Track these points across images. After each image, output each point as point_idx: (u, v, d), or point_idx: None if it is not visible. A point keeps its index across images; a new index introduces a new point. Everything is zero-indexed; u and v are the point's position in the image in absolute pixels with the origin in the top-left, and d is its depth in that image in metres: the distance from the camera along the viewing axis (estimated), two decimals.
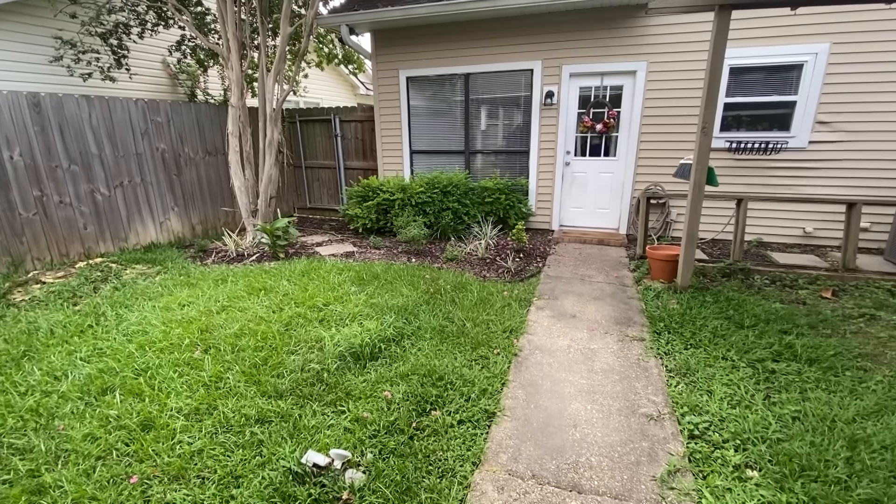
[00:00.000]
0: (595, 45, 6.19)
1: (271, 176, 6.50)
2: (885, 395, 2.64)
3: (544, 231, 7.13)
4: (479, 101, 7.06)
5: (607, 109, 6.38)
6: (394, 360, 3.14)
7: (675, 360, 3.14)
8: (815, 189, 5.72)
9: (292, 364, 3.08)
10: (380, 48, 7.22)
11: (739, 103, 5.87)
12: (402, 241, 6.19)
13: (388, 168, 7.71)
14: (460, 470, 2.18)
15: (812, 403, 2.56)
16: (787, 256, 5.52)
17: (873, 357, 3.11)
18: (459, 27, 6.65)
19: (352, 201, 7.00)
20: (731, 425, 2.42)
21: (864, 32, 5.21)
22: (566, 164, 6.85)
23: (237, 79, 6.20)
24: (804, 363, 2.99)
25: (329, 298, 4.17)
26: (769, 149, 5.76)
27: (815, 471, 2.08)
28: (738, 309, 3.79)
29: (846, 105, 5.46)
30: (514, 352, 3.34)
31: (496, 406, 2.68)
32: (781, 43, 5.50)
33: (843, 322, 3.61)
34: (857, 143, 5.52)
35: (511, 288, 4.64)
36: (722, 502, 1.95)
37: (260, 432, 2.43)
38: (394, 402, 2.65)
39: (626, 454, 2.30)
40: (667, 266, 4.53)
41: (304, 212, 9.01)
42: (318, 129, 8.45)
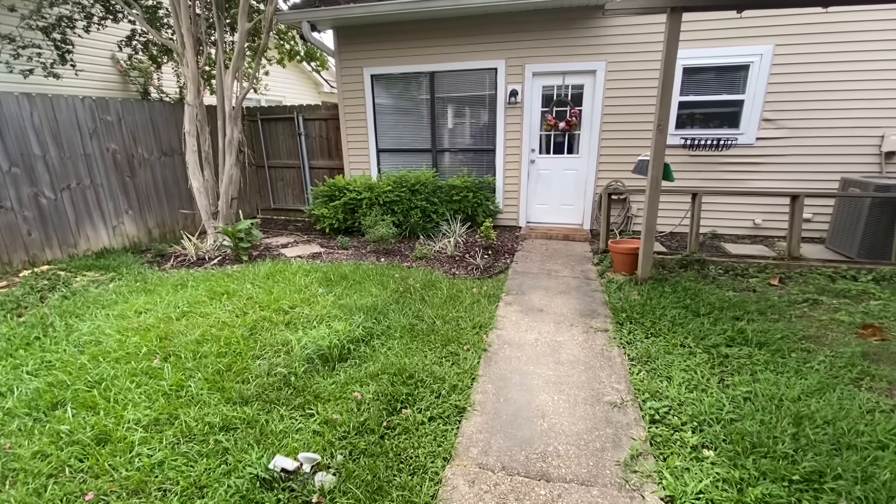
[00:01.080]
0: (556, 45, 6.32)
1: (232, 176, 6.30)
2: (826, 374, 2.83)
3: (512, 228, 7.23)
4: (445, 100, 7.08)
5: (569, 108, 6.53)
6: (363, 360, 3.11)
7: (636, 348, 3.26)
8: (763, 183, 6.06)
9: (258, 369, 3.01)
10: (343, 45, 7.12)
11: (693, 102, 6.14)
12: (371, 241, 6.14)
13: (354, 167, 7.62)
14: (431, 466, 2.20)
15: (762, 384, 2.72)
16: (739, 247, 5.83)
17: (816, 339, 3.33)
18: (424, 25, 6.64)
19: (317, 201, 6.88)
20: (688, 408, 2.54)
21: (803, 35, 5.56)
22: (531, 161, 6.97)
23: (193, 76, 5.97)
24: (754, 347, 3.18)
25: (295, 301, 4.08)
26: (720, 145, 6.06)
27: (764, 447, 2.21)
28: (695, 298, 3.98)
29: (789, 103, 5.81)
30: (483, 347, 3.38)
31: (466, 401, 2.71)
32: (730, 44, 5.79)
33: (789, 307, 3.85)
34: (800, 139, 5.89)
35: (480, 284, 4.69)
36: (681, 482, 2.05)
37: (225, 440, 2.36)
38: (364, 402, 2.63)
39: (592, 441, 2.38)
40: (628, 259, 4.70)
41: (268, 213, 8.78)
42: (281, 127, 8.25)
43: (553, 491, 2.06)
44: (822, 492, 1.96)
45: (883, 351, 3.13)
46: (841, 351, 3.10)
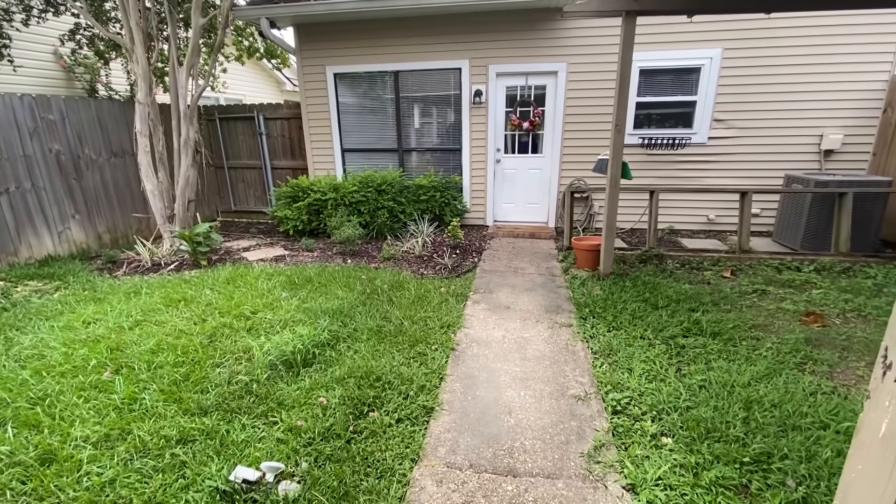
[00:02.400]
0: (519, 46, 6.41)
1: (189, 178, 6.05)
2: (773, 360, 3.00)
3: (479, 227, 7.29)
4: (410, 99, 7.04)
5: (533, 108, 6.64)
6: (329, 364, 3.06)
7: (599, 342, 3.35)
8: (715, 180, 6.36)
9: (218, 378, 2.90)
10: (304, 43, 6.96)
11: (650, 102, 6.37)
12: (337, 242, 6.04)
13: (318, 167, 7.48)
14: (399, 468, 2.18)
15: (715, 372, 2.85)
16: (695, 241, 6.09)
17: (764, 327, 3.52)
18: (387, 24, 6.59)
19: (280, 202, 6.70)
20: (648, 398, 2.63)
21: (749, 39, 5.87)
22: (497, 161, 7.04)
23: (144, 73, 5.69)
24: (709, 337, 3.33)
25: (258, 306, 3.97)
26: (676, 144, 6.31)
27: (718, 432, 2.32)
28: (654, 291, 4.13)
29: (737, 104, 6.12)
30: (451, 346, 3.38)
31: (434, 401, 2.71)
32: (683, 48, 6.05)
33: (740, 298, 4.06)
34: (748, 138, 6.22)
35: (448, 284, 4.70)
36: (641, 469, 2.12)
37: (182, 453, 2.26)
38: (329, 407, 2.59)
39: (557, 434, 2.43)
40: (590, 255, 4.82)
41: (228, 215, 8.49)
42: (241, 126, 7.98)
43: (520, 486, 2.09)
44: (770, 472, 2.07)
45: (824, 336, 3.35)
46: (786, 338, 3.29)
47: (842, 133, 5.96)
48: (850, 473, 1.14)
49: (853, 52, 5.70)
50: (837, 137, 5.95)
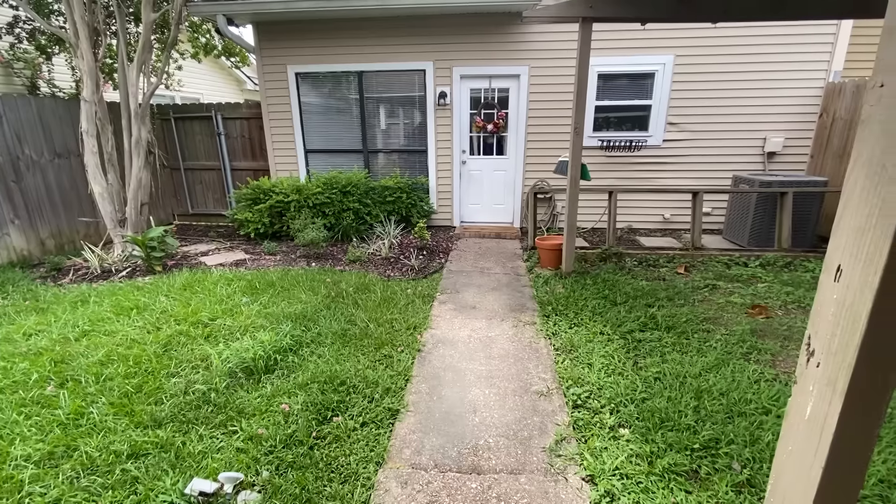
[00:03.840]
0: (482, 49, 6.49)
1: (141, 180, 5.78)
2: (722, 351, 3.17)
3: (446, 228, 7.32)
4: (375, 100, 7.00)
5: (496, 110, 6.74)
6: (292, 370, 3.00)
7: (561, 339, 3.44)
8: (670, 181, 6.65)
9: (173, 388, 2.79)
10: (264, 42, 6.79)
11: (608, 106, 6.59)
12: (301, 245, 5.92)
13: (280, 168, 7.30)
14: (363, 472, 2.17)
15: (669, 364, 2.98)
16: (652, 240, 6.35)
17: (714, 320, 3.72)
18: (350, 24, 6.52)
19: (241, 205, 6.50)
20: (607, 392, 2.73)
21: (698, 47, 6.17)
22: (463, 162, 7.10)
23: (90, 69, 5.40)
24: (664, 331, 3.48)
25: (217, 312, 3.84)
26: (633, 146, 6.56)
27: (671, 421, 2.43)
28: (613, 288, 4.28)
29: (689, 108, 6.42)
30: (417, 347, 3.39)
31: (400, 403, 2.71)
32: (638, 53, 6.29)
33: (693, 293, 4.27)
34: (699, 140, 6.53)
35: (415, 285, 4.70)
36: (599, 461, 2.19)
37: (134, 468, 2.17)
38: (292, 414, 2.54)
39: (520, 430, 2.48)
40: (553, 254, 4.94)
41: (185, 218, 8.16)
42: (198, 126, 7.69)
43: (484, 483, 2.12)
44: (718, 456, 2.19)
45: (768, 327, 3.56)
46: (734, 329, 3.48)
47: (783, 136, 6.36)
48: (781, 454, 1.23)
49: (792, 61, 6.10)
50: (779, 140, 6.34)
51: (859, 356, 0.96)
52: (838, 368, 1.01)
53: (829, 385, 1.03)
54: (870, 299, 0.92)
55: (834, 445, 1.04)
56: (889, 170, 0.89)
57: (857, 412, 1.01)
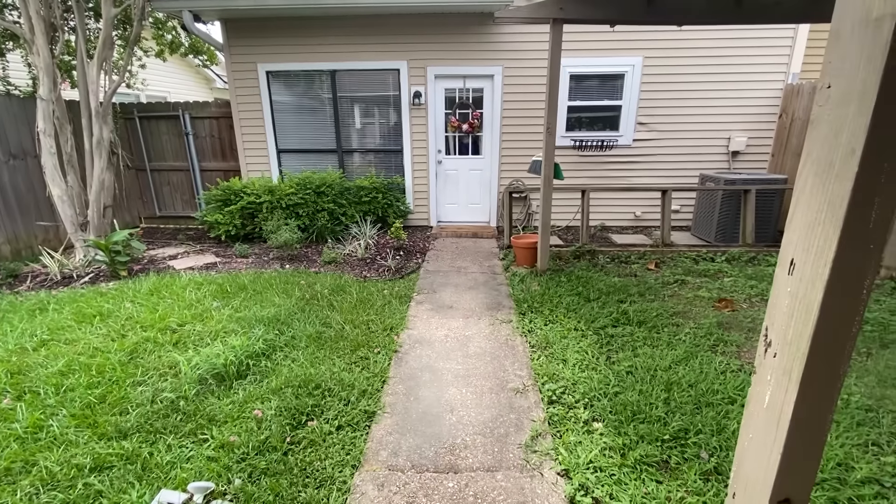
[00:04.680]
0: (456, 49, 6.50)
1: (103, 181, 5.55)
2: (690, 344, 3.27)
3: (423, 227, 7.30)
4: (349, 99, 6.92)
5: (471, 110, 6.76)
6: (265, 375, 2.94)
7: (536, 336, 3.48)
8: (640, 179, 6.82)
9: (139, 397, 2.69)
10: (233, 39, 6.62)
11: (580, 106, 6.70)
12: (274, 247, 5.80)
13: (252, 169, 7.14)
14: (339, 476, 2.14)
15: (641, 358, 3.06)
16: (624, 237, 6.50)
17: (683, 314, 3.83)
18: (322, 22, 6.43)
19: (211, 206, 6.32)
20: (581, 387, 2.78)
21: (665, 49, 6.35)
22: (438, 162, 7.10)
23: (47, 66, 5.15)
24: (635, 325, 3.56)
25: (186, 317, 3.72)
26: (604, 146, 6.70)
27: (643, 414, 2.49)
28: (586, 285, 4.36)
29: (657, 109, 6.60)
30: (394, 348, 3.37)
31: (376, 405, 2.69)
32: (609, 55, 6.42)
33: (663, 288, 4.39)
34: (667, 140, 6.72)
35: (392, 286, 4.67)
36: (574, 455, 2.23)
37: (98, 481, 2.08)
38: (265, 419, 2.48)
39: (497, 428, 2.49)
40: (528, 253, 5.00)
41: (153, 221, 7.88)
42: (165, 126, 7.44)
43: (461, 482, 2.12)
44: (687, 446, 2.26)
45: (733, 320, 3.70)
46: (702, 323, 3.60)
47: (746, 136, 6.61)
48: (743, 442, 1.27)
49: (753, 63, 6.34)
50: (742, 140, 6.59)
51: (812, 346, 1.00)
52: (793, 358, 1.05)
53: (786, 374, 1.08)
54: (820, 291, 0.97)
55: (791, 432, 1.08)
56: (836, 167, 0.94)
57: (812, 400, 1.05)
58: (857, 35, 0.90)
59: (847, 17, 0.93)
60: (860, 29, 0.90)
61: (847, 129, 0.92)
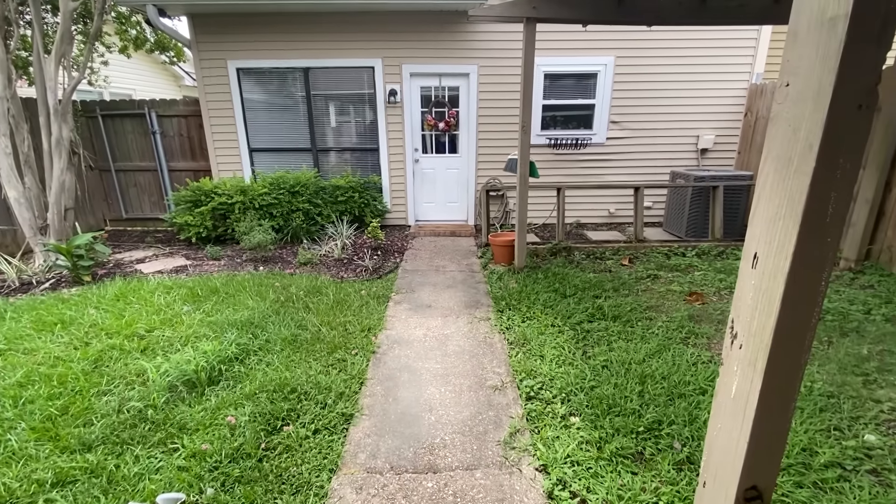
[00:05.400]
0: (431, 47, 6.48)
1: (64, 182, 5.31)
2: (663, 337, 3.35)
3: (401, 227, 7.26)
4: (323, 97, 6.81)
5: (447, 109, 6.75)
6: (238, 380, 2.86)
7: (514, 333, 3.51)
8: (614, 177, 6.95)
9: (105, 407, 2.58)
10: (201, 35, 6.42)
11: (555, 105, 6.78)
12: (247, 249, 5.66)
13: (223, 168, 6.95)
14: (316, 481, 2.10)
15: (616, 352, 3.12)
16: (599, 234, 6.61)
17: (656, 308, 3.92)
18: (294, 18, 6.30)
19: (180, 208, 6.12)
20: (558, 382, 2.81)
21: (636, 49, 6.48)
22: (416, 160, 7.06)
23: (0, 62, 4.89)
24: (610, 320, 3.63)
25: (154, 323, 3.59)
26: (579, 144, 6.79)
27: (618, 407, 2.54)
28: (563, 282, 4.41)
29: (629, 108, 6.73)
30: (372, 349, 3.33)
31: (354, 407, 2.65)
32: (582, 54, 6.52)
33: (636, 283, 4.48)
34: (639, 138, 6.87)
35: (369, 286, 4.63)
36: (552, 450, 2.25)
37: (60, 497, 1.98)
38: (238, 426, 2.42)
39: (476, 426, 2.50)
40: (506, 251, 5.03)
41: (119, 224, 7.59)
42: (130, 124, 7.16)
43: (440, 481, 2.12)
44: (660, 437, 2.31)
45: (703, 313, 3.80)
46: (674, 316, 3.69)
47: (714, 134, 6.81)
48: (713, 431, 1.30)
49: (719, 63, 6.54)
50: (710, 138, 6.79)
51: (775, 337, 1.03)
52: (757, 349, 1.08)
53: (751, 365, 1.11)
54: (782, 283, 1.00)
55: (757, 421, 1.11)
56: (795, 163, 0.97)
57: (776, 389, 1.09)
58: (813, 35, 0.93)
59: (803, 18, 0.96)
60: (816, 29, 0.92)
61: (805, 125, 0.95)
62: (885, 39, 0.87)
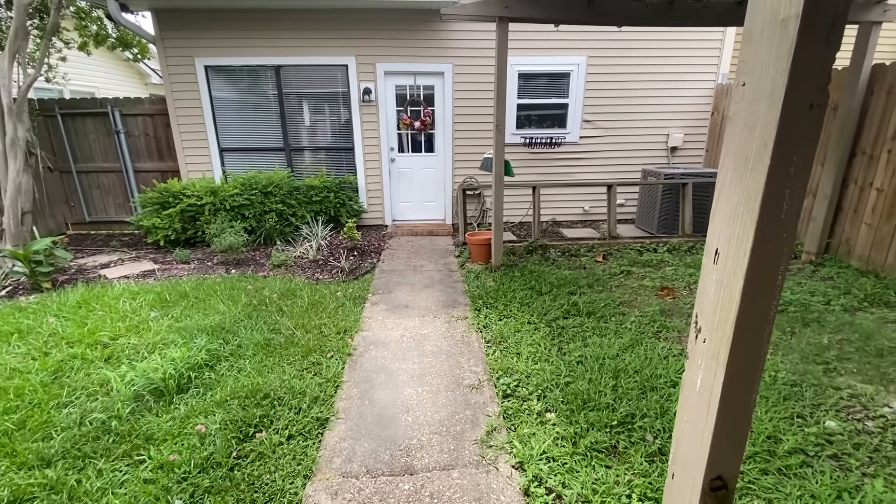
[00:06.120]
0: (406, 45, 6.43)
1: (20, 185, 5.06)
2: (636, 332, 3.42)
3: (378, 227, 7.20)
4: (296, 95, 6.68)
5: (423, 108, 6.72)
6: (209, 387, 2.78)
7: (492, 331, 3.52)
8: (587, 175, 7.05)
9: (65, 420, 2.47)
10: (167, 31, 6.21)
11: (530, 104, 6.83)
12: (218, 252, 5.50)
13: (192, 169, 6.74)
14: (290, 488, 2.06)
15: (590, 348, 3.16)
16: (574, 231, 6.70)
17: (629, 303, 4.00)
18: (264, 14, 6.15)
19: (147, 210, 5.91)
20: (534, 379, 2.83)
21: (608, 49, 6.59)
22: (392, 160, 7.01)
23: None
24: (585, 316, 3.68)
25: (119, 330, 3.46)
26: (553, 143, 6.87)
27: (592, 402, 2.57)
28: (539, 279, 4.46)
29: (602, 107, 6.85)
30: (348, 352, 3.29)
31: (329, 411, 2.61)
32: (555, 54, 6.58)
33: (610, 279, 4.56)
34: (612, 136, 6.99)
35: (346, 287, 4.57)
36: (528, 446, 2.26)
37: None
38: (209, 434, 2.35)
39: (453, 425, 2.49)
40: (483, 249, 5.04)
41: (82, 227, 7.27)
42: (92, 124, 6.88)
43: (417, 483, 2.10)
44: (633, 430, 2.36)
45: (675, 307, 3.90)
46: (646, 311, 3.77)
47: (683, 132, 6.99)
48: (680, 424, 1.33)
49: (687, 64, 6.71)
50: (680, 136, 6.97)
51: (736, 330, 1.06)
52: (720, 343, 1.11)
53: (714, 358, 1.13)
54: (741, 278, 1.02)
55: (720, 412, 1.14)
56: (751, 161, 0.99)
57: (737, 381, 1.11)
58: (767, 35, 0.95)
59: (757, 19, 0.98)
60: (769, 30, 0.95)
61: (760, 124, 0.97)
62: (833, 40, 0.90)
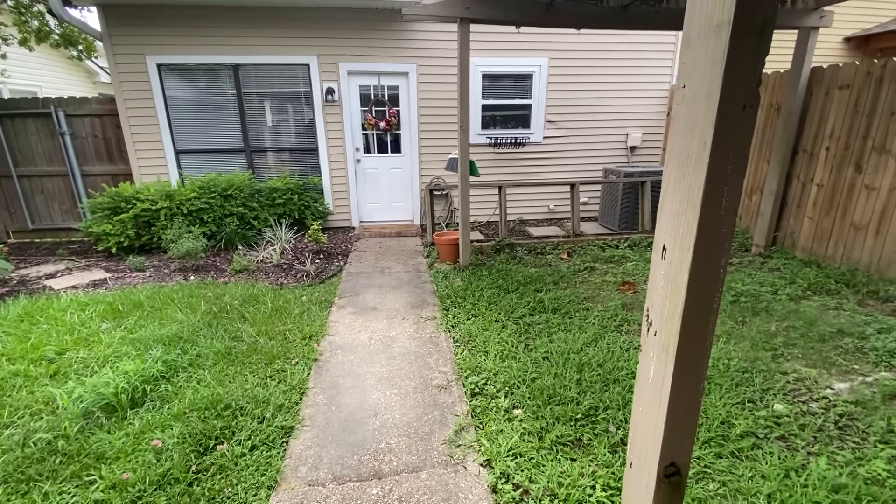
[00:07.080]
0: (369, 45, 6.37)
1: None
2: (599, 326, 3.51)
3: (345, 229, 7.10)
4: (256, 95, 6.49)
5: (388, 108, 6.68)
6: (165, 400, 2.66)
7: (460, 331, 3.53)
8: (551, 174, 7.20)
9: (7, 442, 2.30)
10: (114, 28, 5.90)
11: (494, 105, 6.90)
12: (176, 258, 5.27)
13: (146, 172, 6.44)
14: (253, 500, 2.00)
15: (556, 343, 3.22)
16: (540, 229, 6.83)
17: (592, 298, 4.11)
18: (220, 11, 5.94)
19: (97, 216, 5.59)
20: (501, 376, 2.86)
21: (569, 51, 6.74)
22: (357, 160, 6.92)
23: None
24: (550, 313, 3.75)
25: (66, 344, 3.26)
26: (518, 143, 6.97)
27: (558, 397, 2.63)
28: (506, 277, 4.51)
29: (564, 107, 7.00)
30: (314, 357, 3.23)
31: (295, 419, 2.55)
32: (518, 55, 6.68)
33: (574, 276, 4.67)
34: (574, 136, 7.16)
35: (311, 291, 4.48)
36: (495, 444, 2.29)
37: None
38: (165, 449, 2.25)
39: (421, 427, 2.49)
40: (451, 249, 5.06)
41: (24, 235, 6.81)
42: (34, 125, 6.45)
43: (385, 487, 2.08)
44: (597, 422, 2.42)
45: (635, 301, 4.03)
46: (609, 305, 3.88)
47: (641, 132, 7.24)
48: (636, 415, 1.37)
49: (644, 66, 6.96)
50: (638, 135, 7.21)
51: (683, 323, 1.10)
52: (669, 335, 1.15)
53: (664, 350, 1.17)
54: (686, 272, 1.06)
55: (671, 402, 1.18)
56: (692, 160, 1.03)
57: (686, 370, 1.16)
58: (703, 40, 1.00)
59: (695, 24, 1.02)
60: (705, 34, 0.99)
61: (699, 124, 1.01)
62: (763, 44, 0.95)
